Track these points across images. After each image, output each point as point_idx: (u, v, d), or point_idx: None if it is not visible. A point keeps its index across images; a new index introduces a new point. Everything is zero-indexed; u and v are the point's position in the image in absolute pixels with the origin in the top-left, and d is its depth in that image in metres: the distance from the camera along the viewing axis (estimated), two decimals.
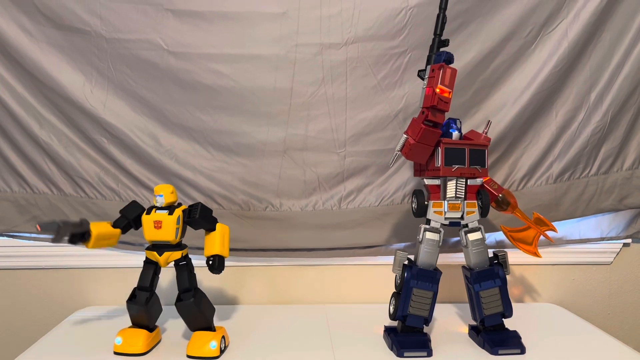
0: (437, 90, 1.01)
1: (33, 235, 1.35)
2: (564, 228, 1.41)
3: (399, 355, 1.03)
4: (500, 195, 1.14)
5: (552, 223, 1.17)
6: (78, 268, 1.38)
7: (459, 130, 1.08)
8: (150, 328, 1.07)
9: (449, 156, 1.04)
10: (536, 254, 1.17)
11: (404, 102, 1.29)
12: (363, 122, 1.31)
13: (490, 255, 1.10)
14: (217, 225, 1.07)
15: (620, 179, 1.36)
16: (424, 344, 1.05)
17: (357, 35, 1.26)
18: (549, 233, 1.17)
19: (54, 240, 0.93)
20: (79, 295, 1.39)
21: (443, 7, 1.09)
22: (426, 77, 1.05)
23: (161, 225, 1.03)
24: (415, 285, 1.05)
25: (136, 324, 1.07)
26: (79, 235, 0.97)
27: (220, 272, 1.04)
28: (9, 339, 1.40)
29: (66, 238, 0.94)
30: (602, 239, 1.43)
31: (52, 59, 1.26)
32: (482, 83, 1.31)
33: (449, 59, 1.04)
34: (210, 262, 1.04)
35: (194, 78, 1.26)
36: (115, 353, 1.04)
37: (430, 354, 1.04)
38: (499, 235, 1.39)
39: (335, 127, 1.31)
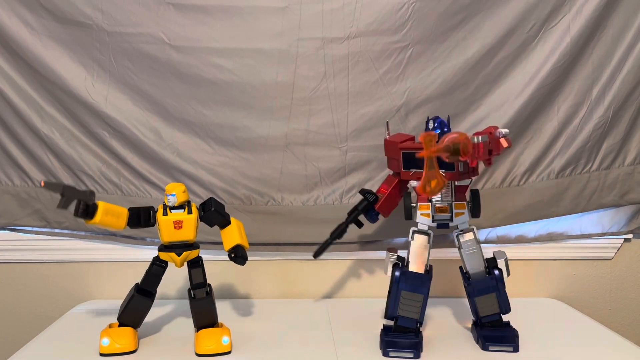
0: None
1: (35, 229, 1.35)
2: (565, 223, 1.41)
3: (384, 354, 1.02)
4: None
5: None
6: (79, 262, 1.38)
7: (437, 129, 1.03)
8: (136, 327, 1.06)
9: (406, 160, 1.05)
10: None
11: (405, 97, 1.29)
12: (365, 117, 1.30)
13: (490, 255, 1.07)
14: (232, 219, 1.07)
15: (622, 174, 1.36)
16: (413, 346, 1.02)
17: (359, 29, 1.26)
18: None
19: (60, 204, 0.89)
20: (81, 289, 1.39)
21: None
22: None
23: (182, 225, 1.01)
24: (404, 287, 1.03)
25: (125, 322, 1.04)
26: (85, 206, 0.93)
27: (244, 262, 1.05)
28: (10, 332, 1.40)
29: (73, 205, 0.90)
30: (604, 234, 1.42)
31: (54, 52, 1.25)
32: (483, 78, 1.30)
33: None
34: (233, 254, 1.04)
35: (196, 72, 1.26)
36: (103, 355, 1.00)
37: (417, 356, 1.01)
38: (501, 230, 1.40)
39: (337, 122, 1.31)
